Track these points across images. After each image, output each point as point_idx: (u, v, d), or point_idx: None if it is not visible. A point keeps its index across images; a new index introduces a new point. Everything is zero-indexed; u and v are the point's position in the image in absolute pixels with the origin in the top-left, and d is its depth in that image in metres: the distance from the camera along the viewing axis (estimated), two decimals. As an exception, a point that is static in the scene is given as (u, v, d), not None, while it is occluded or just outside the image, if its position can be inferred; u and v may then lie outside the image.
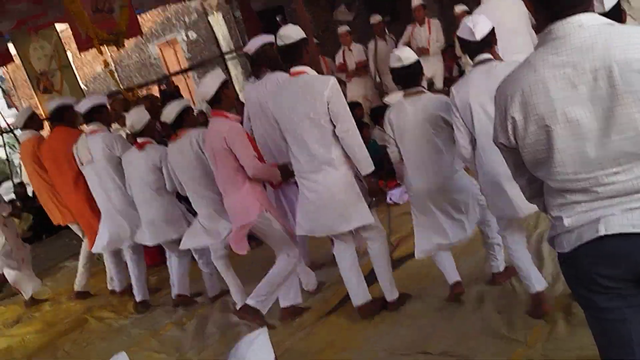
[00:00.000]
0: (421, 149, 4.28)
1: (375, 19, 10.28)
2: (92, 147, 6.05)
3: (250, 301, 4.81)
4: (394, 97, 4.79)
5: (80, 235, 7.17)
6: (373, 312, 4.72)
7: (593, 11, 2.11)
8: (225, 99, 4.76)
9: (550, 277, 4.32)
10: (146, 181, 5.70)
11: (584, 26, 2.06)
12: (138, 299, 6.33)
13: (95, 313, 6.69)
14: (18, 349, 6.43)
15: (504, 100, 2.21)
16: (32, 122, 7.11)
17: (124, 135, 7.07)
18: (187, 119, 5.36)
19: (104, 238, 6.29)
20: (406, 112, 4.29)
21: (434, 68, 10.00)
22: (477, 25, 3.84)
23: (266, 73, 5.31)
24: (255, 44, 5.39)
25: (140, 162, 5.68)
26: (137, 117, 5.67)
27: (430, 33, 9.87)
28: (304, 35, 4.55)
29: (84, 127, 6.47)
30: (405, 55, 4.34)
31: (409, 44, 9.95)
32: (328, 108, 4.28)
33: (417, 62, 4.37)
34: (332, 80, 4.37)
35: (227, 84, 4.76)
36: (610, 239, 2.07)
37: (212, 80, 4.69)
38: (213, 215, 5.30)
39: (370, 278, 4.82)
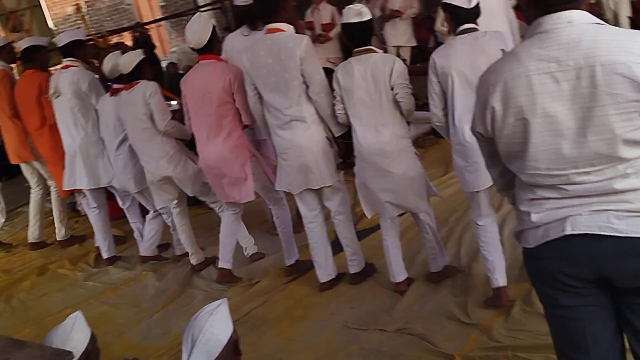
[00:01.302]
0: (369, 108, 4.12)
1: None
2: (61, 81, 5.88)
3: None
4: None
5: (31, 183, 7.00)
6: (333, 285, 4.75)
7: (585, 9, 2.09)
8: (217, 45, 4.85)
9: (509, 261, 4.35)
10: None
11: (573, 23, 2.04)
12: (106, 255, 6.23)
13: (52, 263, 6.61)
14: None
15: (486, 89, 2.20)
16: (5, 52, 6.83)
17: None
18: (144, 71, 5.26)
19: (71, 176, 6.10)
20: (354, 71, 4.13)
21: (403, 36, 9.95)
22: None
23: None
24: None
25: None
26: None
27: None
28: None
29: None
30: (364, 11, 4.18)
31: (383, 8, 9.89)
32: (301, 68, 4.24)
33: (371, 20, 4.24)
34: (306, 40, 4.30)
35: (215, 30, 4.77)
36: (575, 238, 2.08)
37: (204, 27, 4.70)
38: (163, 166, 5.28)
39: (336, 248, 4.84)
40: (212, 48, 4.75)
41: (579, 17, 2.06)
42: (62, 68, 5.99)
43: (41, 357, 2.48)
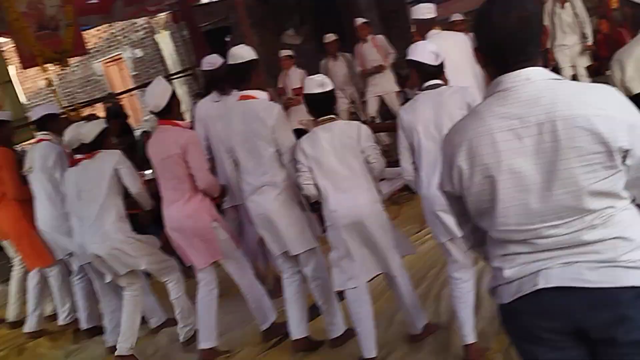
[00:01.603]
0: (342, 175, 4.12)
1: (330, 37, 10.25)
2: (33, 155, 5.92)
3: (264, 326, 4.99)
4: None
5: (14, 260, 6.88)
6: (307, 348, 4.67)
7: (541, 66, 2.15)
8: (175, 109, 4.81)
9: (490, 313, 4.35)
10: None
11: (531, 80, 2.10)
12: (85, 326, 6.09)
13: (30, 341, 6.46)
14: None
15: (451, 149, 2.23)
16: None
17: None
18: (105, 141, 5.24)
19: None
20: (320, 140, 4.13)
21: (388, 85, 9.94)
22: (436, 51, 3.90)
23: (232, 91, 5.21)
24: (218, 60, 5.35)
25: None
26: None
27: (377, 49, 9.90)
28: (256, 57, 4.52)
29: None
30: (326, 82, 4.23)
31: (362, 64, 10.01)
32: (273, 137, 4.29)
33: (333, 90, 4.29)
34: (277, 109, 4.38)
35: (175, 94, 4.77)
36: (548, 292, 2.09)
37: (162, 91, 4.69)
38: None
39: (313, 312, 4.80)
40: (170, 112, 4.72)
41: (536, 74, 2.11)
42: (36, 142, 6.02)
43: None
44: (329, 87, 4.21)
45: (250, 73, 4.46)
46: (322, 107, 4.23)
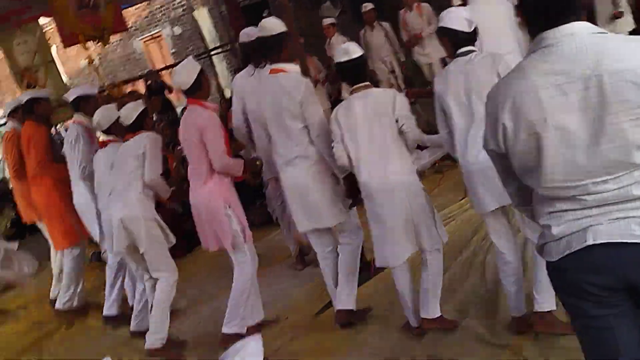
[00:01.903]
0: (374, 144, 4.05)
1: (367, 6, 10.19)
2: (66, 136, 6.09)
3: (225, 329, 4.72)
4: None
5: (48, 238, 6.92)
6: (349, 320, 4.64)
7: (585, 20, 2.11)
8: (204, 87, 4.72)
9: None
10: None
11: (576, 35, 2.07)
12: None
13: (82, 318, 6.56)
14: (3, 348, 6.41)
15: (495, 107, 2.21)
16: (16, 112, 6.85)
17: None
18: (146, 121, 5.28)
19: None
20: (355, 108, 4.08)
21: (434, 53, 9.68)
22: (469, 17, 3.78)
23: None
24: (255, 33, 5.32)
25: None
26: (104, 113, 5.50)
27: (422, 17, 9.80)
28: (285, 29, 4.50)
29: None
30: (352, 49, 4.14)
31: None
32: (300, 111, 4.30)
33: (363, 56, 4.19)
34: (304, 84, 4.34)
35: (204, 72, 4.71)
36: (598, 248, 2.08)
37: (189, 68, 4.64)
38: None
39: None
40: (198, 90, 4.64)
41: (581, 29, 2.08)
42: (72, 122, 6.19)
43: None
44: (355, 54, 4.11)
45: (280, 46, 4.44)
46: (352, 75, 4.15)
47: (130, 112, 5.16)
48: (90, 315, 6.47)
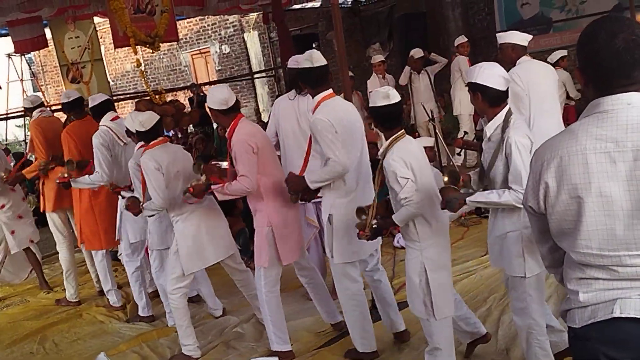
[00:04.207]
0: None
1: (418, 53, 10.33)
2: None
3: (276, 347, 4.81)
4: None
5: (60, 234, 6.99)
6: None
7: None
8: (237, 105, 4.78)
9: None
10: None
11: (633, 105, 2.06)
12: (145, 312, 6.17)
13: (88, 310, 6.67)
14: (6, 330, 6.44)
15: (540, 165, 2.20)
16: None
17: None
18: (159, 130, 5.23)
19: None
20: (415, 152, 3.92)
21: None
22: (506, 75, 3.65)
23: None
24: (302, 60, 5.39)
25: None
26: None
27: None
28: (325, 63, 4.47)
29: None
30: (392, 93, 3.93)
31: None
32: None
33: (400, 102, 3.98)
34: (315, 119, 4.30)
35: (234, 96, 4.80)
36: (623, 321, 2.05)
37: (221, 89, 4.75)
38: None
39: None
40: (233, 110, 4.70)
41: (638, 100, 2.07)
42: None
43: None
44: (394, 100, 3.92)
45: (319, 78, 4.45)
46: (387, 120, 3.95)
47: (148, 119, 5.12)
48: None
